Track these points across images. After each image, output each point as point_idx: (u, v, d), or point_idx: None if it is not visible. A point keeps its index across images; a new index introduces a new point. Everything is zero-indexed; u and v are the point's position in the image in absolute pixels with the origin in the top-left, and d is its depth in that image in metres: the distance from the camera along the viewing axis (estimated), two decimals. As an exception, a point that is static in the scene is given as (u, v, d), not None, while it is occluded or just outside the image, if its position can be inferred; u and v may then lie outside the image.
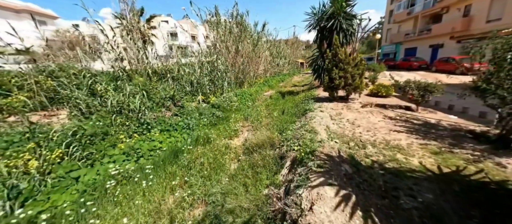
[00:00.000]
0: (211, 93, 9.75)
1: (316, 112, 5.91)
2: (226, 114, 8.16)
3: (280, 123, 6.08)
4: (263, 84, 16.46)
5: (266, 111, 9.53)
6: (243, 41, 12.37)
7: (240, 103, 9.98)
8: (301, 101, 7.94)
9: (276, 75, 21.75)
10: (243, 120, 8.27)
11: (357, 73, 6.75)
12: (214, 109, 8.18)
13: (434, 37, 20.89)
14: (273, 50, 21.18)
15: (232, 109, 8.58)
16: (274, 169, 3.66)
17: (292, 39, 32.88)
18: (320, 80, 11.60)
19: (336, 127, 4.91)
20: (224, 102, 8.57)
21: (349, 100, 7.31)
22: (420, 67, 19.41)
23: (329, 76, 7.08)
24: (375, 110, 6.06)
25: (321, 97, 8.55)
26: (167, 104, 7.29)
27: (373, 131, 4.72)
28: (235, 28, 12.02)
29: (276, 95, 11.94)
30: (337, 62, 6.91)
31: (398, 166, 3.15)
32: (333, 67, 6.96)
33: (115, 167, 3.98)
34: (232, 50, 12.35)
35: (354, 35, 10.08)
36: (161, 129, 5.92)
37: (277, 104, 9.92)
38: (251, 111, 9.00)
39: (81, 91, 5.48)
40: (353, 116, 5.67)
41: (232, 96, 9.41)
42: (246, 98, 10.85)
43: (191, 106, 8.08)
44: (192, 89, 8.83)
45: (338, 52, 6.86)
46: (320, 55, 11.26)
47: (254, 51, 13.83)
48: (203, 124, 6.77)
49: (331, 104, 7.04)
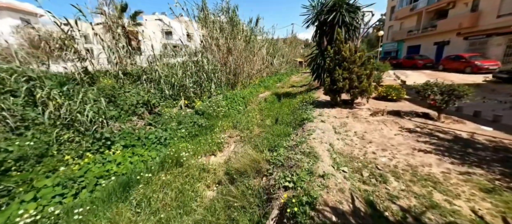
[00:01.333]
0: (197, 96, 8.61)
1: (316, 123, 4.79)
2: (211, 121, 7.03)
3: (271, 137, 4.96)
4: (259, 85, 15.34)
5: (260, 117, 8.42)
6: (235, 38, 11.23)
7: (230, 107, 8.85)
8: (299, 107, 6.82)
9: (273, 75, 20.64)
10: (232, 128, 7.15)
11: (365, 73, 5.63)
12: (197, 116, 7.05)
13: (440, 34, 19.81)
14: (270, 48, 20.04)
15: (219, 115, 7.45)
16: (256, 216, 2.53)
17: (290, 38, 31.79)
18: (320, 80, 10.49)
19: (342, 145, 3.79)
20: (209, 108, 7.44)
21: (355, 106, 6.20)
22: (425, 66, 18.33)
23: (331, 78, 5.96)
24: (388, 119, 4.95)
25: (322, 101, 7.44)
26: (140, 112, 6.15)
27: (391, 150, 3.61)
28: (225, 24, 10.87)
29: (272, 98, 10.82)
30: (340, 61, 5.80)
31: (444, 221, 2.03)
32: (335, 66, 5.84)
33: (37, 208, 2.85)
34: (224, 49, 11.21)
35: (357, 30, 8.97)
36: (125, 144, 4.79)
37: (272, 108, 8.80)
38: (241, 117, 7.88)
39: (17, 99, 4.33)
40: (362, 128, 4.55)
41: (220, 100, 8.28)
42: (238, 102, 9.72)
43: (170, 113, 6.95)
44: (174, 93, 7.69)
45: (341, 49, 5.74)
46: (319, 53, 10.14)
47: (247, 49, 12.68)
48: (180, 136, 5.64)
49: (333, 110, 5.92)
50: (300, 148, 3.54)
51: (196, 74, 8.24)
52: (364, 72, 5.62)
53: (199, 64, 8.03)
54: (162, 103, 7.20)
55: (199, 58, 7.97)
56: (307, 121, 4.93)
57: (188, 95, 7.89)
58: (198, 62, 7.95)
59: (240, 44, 11.48)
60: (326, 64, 6.16)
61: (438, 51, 20.44)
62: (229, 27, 11.17)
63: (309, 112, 5.72)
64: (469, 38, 17.27)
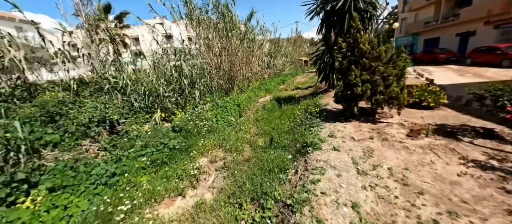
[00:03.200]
0: (180, 107, 7.16)
1: (327, 152, 3.18)
2: (190, 140, 5.54)
3: (260, 172, 3.39)
4: (259, 88, 13.81)
5: (255, 130, 6.87)
6: (228, 36, 9.75)
7: (219, 118, 7.34)
8: (301, 121, 5.18)
9: (276, 76, 19.03)
10: (217, 147, 5.65)
11: (393, 74, 3.95)
12: (172, 134, 5.57)
13: (463, 24, 17.52)
14: (271, 48, 18.48)
15: (202, 131, 5.95)
16: None
17: (294, 36, 30.07)
18: (328, 82, 8.81)
19: (372, 201, 2.17)
20: (189, 122, 5.95)
21: (379, 118, 4.52)
22: (449, 60, 16.15)
23: (344, 81, 4.32)
24: (437, 143, 3.25)
25: (332, 111, 5.78)
26: (93, 133, 4.74)
27: (464, 212, 1.96)
28: (215, 20, 9.40)
29: (271, 104, 9.22)
30: (358, 57, 4.14)
31: None
32: (350, 65, 4.20)
33: None
34: (215, 49, 9.74)
35: (373, 19, 7.25)
36: (53, 186, 3.36)
37: (269, 118, 7.22)
38: (231, 132, 6.36)
39: None
40: (400, 160, 2.90)
41: (206, 111, 6.78)
42: (230, 111, 8.20)
43: (139, 130, 5.52)
44: (147, 105, 6.26)
45: (358, 41, 4.09)
46: (326, 49, 8.48)
47: (243, 49, 11.17)
48: (140, 166, 4.16)
49: (349, 126, 4.27)
50: (302, 212, 1.95)
51: (177, 81, 6.80)
52: (392, 71, 3.94)
53: (178, 69, 6.60)
54: (130, 118, 5.77)
55: (177, 61, 6.53)
56: (313, 149, 3.31)
57: (166, 106, 6.43)
58: (177, 66, 6.53)
59: (233, 43, 9.98)
60: (337, 63, 4.52)
61: (462, 43, 18.14)
62: (221, 24, 9.70)
63: (315, 131, 4.09)
64: (500, 26, 14.99)
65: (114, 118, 5.30)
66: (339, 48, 4.63)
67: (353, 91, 4.09)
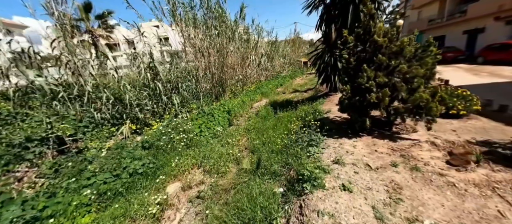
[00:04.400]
0: (157, 116, 6.12)
1: (332, 193, 2.12)
2: (162, 159, 4.49)
3: (241, 213, 2.34)
4: (254, 91, 12.80)
5: (244, 142, 5.87)
6: (218, 35, 8.76)
7: (203, 129, 6.30)
8: (297, 137, 4.09)
9: (274, 78, 18.01)
10: (196, 167, 4.62)
11: (420, 74, 2.91)
12: (141, 151, 4.52)
13: (470, 20, 16.52)
14: (268, 48, 17.51)
15: (178, 147, 4.89)
16: None
17: (293, 37, 29.13)
18: (330, 84, 7.78)
19: None
20: (163, 136, 4.90)
21: (398, 132, 3.47)
22: (457, 59, 15.13)
23: (353, 84, 3.28)
24: (498, 178, 2.20)
25: (335, 121, 4.72)
26: (32, 154, 3.69)
27: None
28: (201, 15, 8.41)
29: (266, 110, 8.20)
30: (370, 53, 3.11)
31: None
32: (361, 63, 3.17)
33: None
34: (203, 50, 8.74)
35: (381, 10, 6.25)
36: None
37: (262, 128, 6.19)
38: (215, 146, 5.33)
39: None
40: (446, 209, 1.83)
41: (185, 122, 5.75)
42: (218, 119, 7.16)
43: (102, 147, 4.48)
44: (113, 115, 5.22)
45: (372, 31, 3.06)
46: (327, 47, 7.48)
47: (235, 49, 10.18)
48: (82, 202, 3.10)
49: (359, 144, 3.21)
50: None
51: (150, 86, 5.76)
52: (419, 71, 2.89)
53: (153, 71, 5.56)
54: (90, 133, 4.74)
55: (151, 63, 5.48)
56: (311, 187, 2.24)
57: (137, 116, 5.38)
58: (152, 68, 5.50)
59: (223, 42, 8.98)
60: (342, 62, 3.48)
61: (470, 40, 17.13)
62: (210, 21, 8.71)
63: (314, 152, 3.03)
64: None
65: (67, 133, 4.25)
66: (344, 43, 3.60)
67: (366, 98, 3.05)
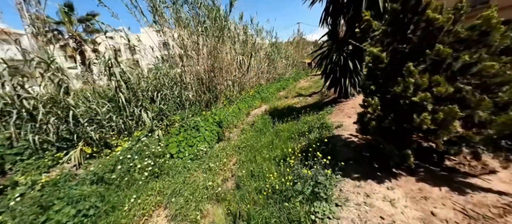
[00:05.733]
0: (125, 132, 4.95)
1: None
2: (115, 198, 3.29)
3: None
4: (253, 96, 11.58)
5: (231, 167, 4.65)
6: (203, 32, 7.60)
7: (184, 147, 5.09)
8: (294, 175, 2.78)
9: (277, 81, 16.74)
10: (160, 208, 3.43)
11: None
12: (87, 188, 3.33)
13: (494, 12, 14.77)
14: (268, 49, 16.30)
15: (140, 177, 3.68)
16: None
17: (297, 38, 27.80)
18: (340, 89, 6.42)
19: None
20: (118, 165, 3.69)
21: (456, 170, 2.14)
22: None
23: (385, 95, 1.99)
24: None
25: (350, 143, 3.39)
26: None
27: None
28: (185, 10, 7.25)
29: (263, 121, 6.93)
30: (420, 41, 1.81)
31: None
32: (400, 61, 1.88)
33: None
34: (190, 51, 7.59)
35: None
36: None
37: (256, 146, 4.93)
38: (191, 175, 4.13)
39: None
40: None
41: (156, 142, 4.54)
42: (204, 134, 5.94)
43: (33, 184, 3.33)
44: (60, 135, 4.06)
45: (420, 2, 1.76)
46: (334, 44, 6.16)
47: (228, 49, 8.99)
48: None
49: (399, 197, 1.86)
50: None
51: (114, 96, 4.60)
52: (514, 73, 1.58)
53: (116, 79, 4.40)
54: (26, 161, 3.59)
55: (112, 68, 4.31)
56: None
57: (95, 135, 4.20)
58: (113, 74, 4.35)
59: (213, 42, 7.82)
60: (368, 58, 2.18)
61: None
62: (196, 19, 7.57)
63: (326, 214, 1.75)
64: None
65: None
66: (365, 31, 2.31)
67: (411, 120, 1.75)
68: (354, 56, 5.82)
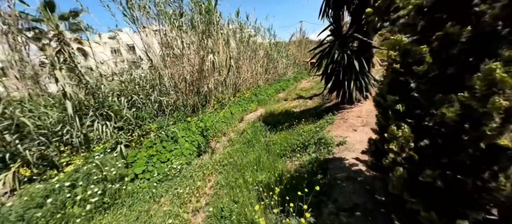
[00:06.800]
0: (83, 147, 4.11)
1: None
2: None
3: None
4: (249, 99, 10.69)
5: (208, 190, 3.79)
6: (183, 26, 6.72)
7: (154, 165, 4.23)
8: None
9: (276, 81, 15.79)
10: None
11: None
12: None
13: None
14: (268, 48, 15.39)
15: (81, 212, 2.82)
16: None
17: (299, 37, 26.66)
18: (343, 93, 5.43)
19: None
20: (49, 198, 2.83)
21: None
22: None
23: (422, 121, 1.10)
24: None
25: (356, 176, 2.41)
26: None
27: None
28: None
29: (253, 130, 6.04)
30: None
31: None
32: (467, 56, 0.97)
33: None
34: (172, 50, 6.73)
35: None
36: None
37: (241, 164, 4.04)
38: (160, 200, 3.28)
39: None
40: None
41: (117, 159, 3.68)
42: (183, 146, 5.06)
43: None
44: None
45: None
46: (337, 40, 5.19)
47: (221, 48, 8.08)
48: None
49: None
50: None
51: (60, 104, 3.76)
52: None
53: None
54: None
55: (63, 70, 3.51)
56: None
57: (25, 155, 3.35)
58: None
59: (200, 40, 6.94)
60: (386, 47, 1.26)
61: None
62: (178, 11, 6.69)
63: None
64: None
65: None
66: (383, 11, 1.40)
67: (489, 179, 0.84)
68: (361, 54, 4.86)
